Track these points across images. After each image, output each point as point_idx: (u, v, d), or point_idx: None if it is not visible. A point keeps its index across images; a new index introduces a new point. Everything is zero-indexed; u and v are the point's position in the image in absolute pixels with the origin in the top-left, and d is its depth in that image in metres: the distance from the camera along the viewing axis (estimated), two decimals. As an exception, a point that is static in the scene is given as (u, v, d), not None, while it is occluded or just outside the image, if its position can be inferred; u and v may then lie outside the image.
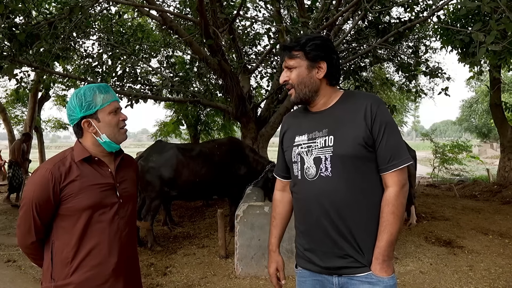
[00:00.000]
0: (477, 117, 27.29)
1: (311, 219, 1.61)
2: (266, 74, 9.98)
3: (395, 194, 1.52)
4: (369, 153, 1.54)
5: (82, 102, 1.60)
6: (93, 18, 7.71)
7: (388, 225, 1.50)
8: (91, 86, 1.65)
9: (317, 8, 7.35)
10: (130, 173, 1.80)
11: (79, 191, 1.56)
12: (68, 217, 1.57)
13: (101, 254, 1.60)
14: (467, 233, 5.90)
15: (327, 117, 1.63)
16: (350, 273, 1.55)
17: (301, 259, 1.72)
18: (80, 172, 1.59)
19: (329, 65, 1.63)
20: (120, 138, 1.69)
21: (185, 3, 8.92)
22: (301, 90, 1.65)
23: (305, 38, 1.64)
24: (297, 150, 1.66)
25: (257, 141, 7.96)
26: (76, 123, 1.64)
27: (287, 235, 4.20)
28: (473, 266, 4.48)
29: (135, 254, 1.80)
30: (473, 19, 7.70)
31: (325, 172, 1.56)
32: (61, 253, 1.57)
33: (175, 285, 4.08)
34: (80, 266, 1.57)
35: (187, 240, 5.77)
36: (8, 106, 18.03)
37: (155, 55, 9.53)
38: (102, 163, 1.67)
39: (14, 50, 5.30)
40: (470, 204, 8.42)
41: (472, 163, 19.69)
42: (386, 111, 1.57)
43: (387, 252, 1.51)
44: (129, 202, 1.73)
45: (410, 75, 8.03)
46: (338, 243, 1.55)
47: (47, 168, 1.56)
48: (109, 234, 1.62)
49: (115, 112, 1.66)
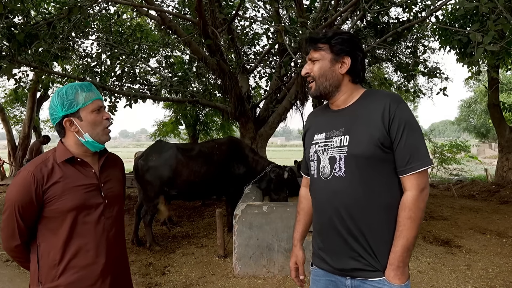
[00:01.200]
0: (476, 117, 27.34)
1: (324, 219, 1.60)
2: (264, 74, 9.99)
3: (413, 198, 1.46)
4: (385, 154, 1.49)
5: (63, 100, 1.57)
6: (92, 18, 7.71)
7: (405, 230, 1.46)
8: (73, 84, 1.61)
9: (315, 8, 7.36)
10: (115, 173, 1.77)
11: (62, 193, 1.54)
12: (53, 219, 1.55)
13: (88, 255, 1.58)
14: (465, 232, 5.92)
15: (345, 116, 1.60)
16: (363, 276, 1.52)
17: (316, 258, 1.70)
18: (63, 173, 1.56)
19: (353, 61, 1.59)
20: (104, 138, 1.65)
21: (184, 3, 8.92)
22: (322, 83, 1.61)
23: (332, 32, 1.61)
24: (314, 149, 1.65)
25: (256, 141, 7.97)
26: (58, 122, 1.61)
27: (286, 234, 4.23)
28: (470, 265, 4.49)
29: (123, 254, 1.79)
30: (471, 19, 7.72)
31: (338, 172, 1.54)
32: (47, 256, 1.55)
33: (174, 285, 4.09)
34: (67, 268, 1.55)
35: (186, 239, 5.78)
36: (7, 106, 18.03)
37: (154, 55, 9.53)
38: (85, 163, 1.64)
39: (13, 50, 5.30)
40: (468, 204, 8.44)
41: (471, 163, 19.72)
42: (406, 110, 1.52)
43: (402, 258, 1.46)
44: (115, 202, 1.70)
45: (408, 75, 8.06)
46: (349, 243, 1.52)
47: (29, 171, 1.53)
48: (96, 235, 1.60)
49: (98, 110, 1.62)
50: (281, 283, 4.05)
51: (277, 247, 4.24)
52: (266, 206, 4.34)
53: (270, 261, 4.25)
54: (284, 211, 4.27)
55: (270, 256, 4.25)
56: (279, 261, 4.24)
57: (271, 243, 4.25)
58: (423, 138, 1.54)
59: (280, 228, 4.24)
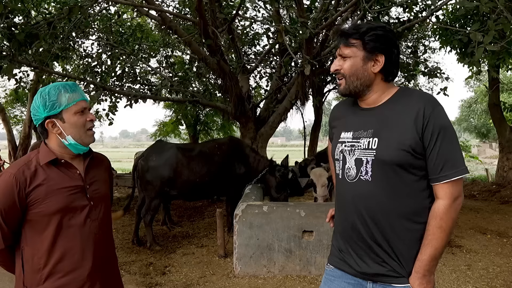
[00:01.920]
0: (476, 117, 27.34)
1: (347, 222, 1.55)
2: (265, 74, 10.01)
3: (444, 207, 1.40)
4: (416, 160, 1.42)
5: (46, 101, 1.53)
6: (92, 18, 7.72)
7: (434, 240, 1.40)
8: (56, 84, 1.57)
9: (316, 8, 7.35)
10: (101, 173, 1.73)
11: (46, 196, 1.49)
12: (36, 222, 1.51)
13: (74, 259, 1.54)
14: (465, 232, 5.91)
15: (375, 116, 1.51)
16: (386, 282, 1.48)
17: (335, 258, 1.64)
18: (46, 175, 1.52)
19: (387, 59, 1.49)
20: (87, 140, 1.61)
21: (184, 3, 8.93)
22: (352, 82, 1.52)
23: (366, 26, 1.50)
24: (340, 148, 1.58)
25: (256, 140, 7.97)
26: (40, 123, 1.57)
27: (286, 234, 4.22)
28: (471, 265, 4.49)
29: (112, 256, 1.75)
30: (472, 19, 7.72)
31: (365, 176, 1.48)
32: (32, 260, 1.53)
33: (174, 284, 4.09)
34: (53, 272, 1.52)
35: (186, 239, 5.78)
36: (8, 106, 18.05)
37: (154, 55, 9.54)
38: (69, 165, 1.59)
39: (13, 50, 5.31)
40: (469, 204, 8.43)
41: (471, 163, 19.74)
42: (442, 114, 1.42)
43: (429, 267, 1.42)
44: (101, 203, 1.67)
45: (409, 75, 8.06)
46: (373, 248, 1.48)
47: (10, 173, 1.49)
48: (81, 238, 1.56)
49: (82, 112, 1.58)
50: (281, 283, 4.04)
51: (277, 247, 4.24)
52: (267, 206, 4.34)
53: (271, 261, 4.25)
54: (285, 211, 4.27)
55: (271, 256, 4.25)
56: (280, 261, 4.24)
57: (271, 243, 4.25)
58: (459, 145, 1.46)
59: (280, 228, 4.24)
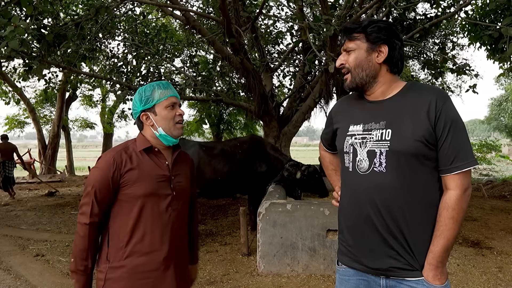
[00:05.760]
0: (507, 116, 26.48)
1: (361, 215, 1.53)
2: (288, 73, 9.96)
3: (456, 198, 1.42)
4: (429, 151, 1.44)
5: (142, 96, 1.72)
6: (118, 19, 7.87)
7: (446, 230, 1.42)
8: (153, 83, 1.75)
9: (340, 5, 7.27)
10: (185, 169, 1.86)
11: (137, 179, 1.64)
12: (125, 203, 1.65)
13: (153, 241, 1.66)
14: (496, 234, 5.73)
15: (386, 108, 1.53)
16: (399, 276, 1.47)
17: (345, 257, 1.63)
18: (139, 161, 1.68)
19: (390, 50, 1.52)
20: (176, 132, 1.75)
21: (208, 2, 9.00)
22: (358, 74, 1.54)
23: (368, 20, 1.55)
24: (350, 141, 1.57)
25: (280, 139, 7.95)
26: (137, 117, 1.75)
27: (310, 233, 4.18)
28: (502, 267, 4.34)
29: (185, 248, 1.85)
30: (503, 13, 7.46)
31: (379, 167, 1.48)
32: (117, 236, 1.65)
33: (198, 281, 4.11)
34: (134, 251, 1.64)
35: (210, 237, 5.81)
36: (37, 106, 18.62)
37: (179, 55, 9.66)
38: (161, 154, 1.75)
39: (43, 51, 5.46)
40: (500, 205, 8.18)
41: (502, 163, 19.13)
42: (452, 108, 1.46)
43: (442, 258, 1.43)
44: (182, 196, 1.79)
45: (436, 73, 7.86)
46: (388, 241, 1.47)
47: (111, 155, 1.66)
48: (162, 223, 1.68)
49: (172, 106, 1.73)
50: (305, 282, 4.01)
51: (301, 246, 4.21)
52: (290, 204, 4.32)
53: (294, 259, 4.22)
54: (308, 210, 4.23)
55: (294, 255, 4.23)
56: (303, 260, 4.21)
57: (295, 241, 4.22)
58: (468, 137, 1.49)
59: (304, 227, 4.21)
